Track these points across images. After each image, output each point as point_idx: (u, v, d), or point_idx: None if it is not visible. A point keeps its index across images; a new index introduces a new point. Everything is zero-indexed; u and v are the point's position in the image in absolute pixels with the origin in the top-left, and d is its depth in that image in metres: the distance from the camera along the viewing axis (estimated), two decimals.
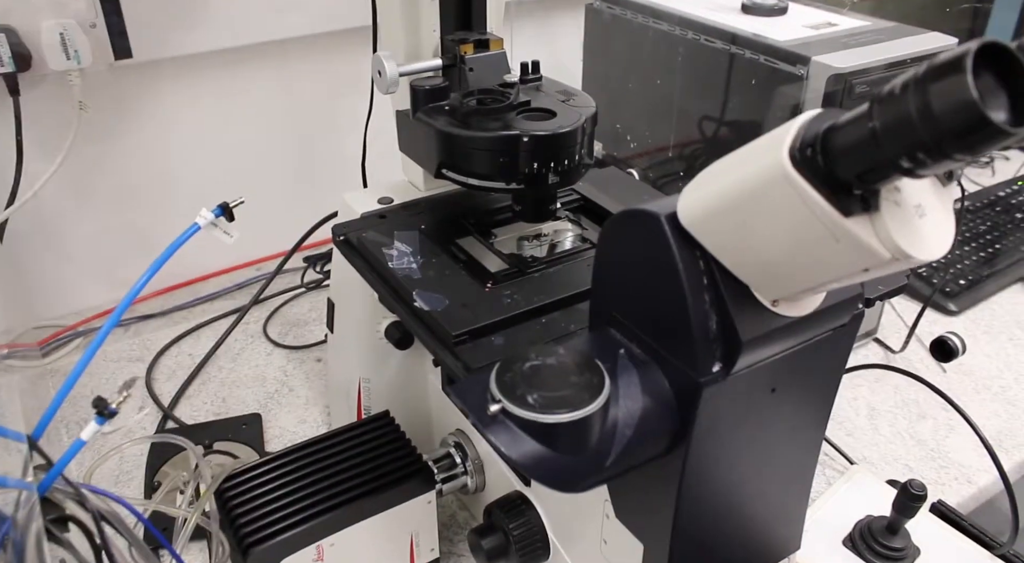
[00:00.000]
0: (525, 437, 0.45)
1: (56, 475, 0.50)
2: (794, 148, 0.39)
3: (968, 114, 0.33)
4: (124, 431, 0.93)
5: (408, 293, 0.63)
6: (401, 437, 0.72)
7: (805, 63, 0.87)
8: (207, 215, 0.61)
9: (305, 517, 0.64)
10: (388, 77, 0.65)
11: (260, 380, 1.02)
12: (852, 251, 0.40)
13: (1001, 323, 1.12)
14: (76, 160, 1.02)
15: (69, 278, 1.12)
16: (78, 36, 0.93)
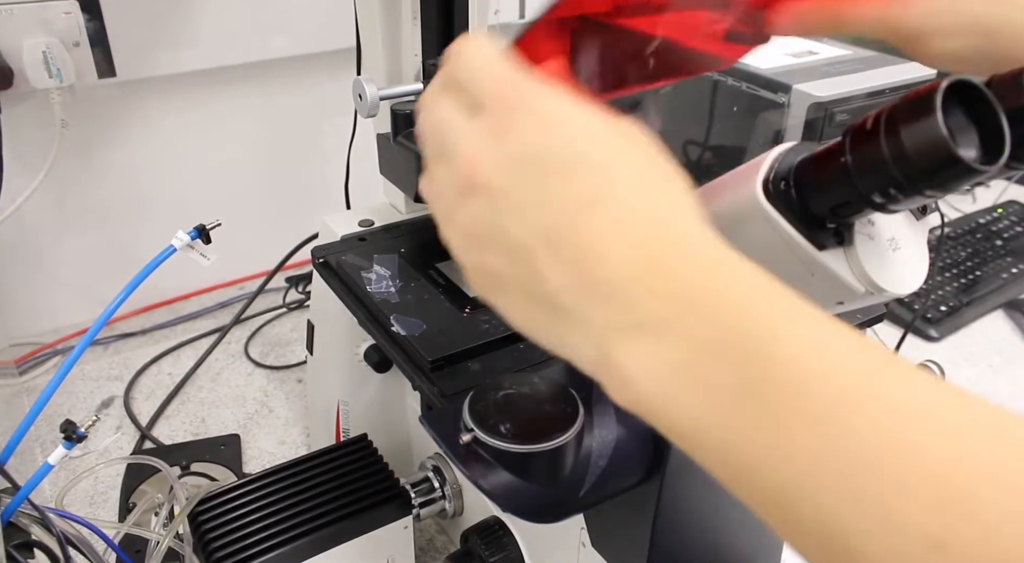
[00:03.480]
0: (497, 467, 0.45)
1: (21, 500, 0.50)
2: (768, 181, 0.39)
3: (938, 153, 0.33)
4: (100, 452, 0.92)
5: (385, 317, 0.62)
6: (379, 461, 0.71)
7: (786, 91, 0.88)
8: (183, 237, 0.60)
9: (280, 542, 0.63)
10: (369, 101, 0.65)
11: (240, 400, 1.02)
12: (826, 285, 0.40)
13: (982, 350, 1.13)
14: (57, 178, 1.02)
15: (48, 295, 1.11)
16: (61, 54, 0.93)
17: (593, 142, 0.31)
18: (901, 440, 0.24)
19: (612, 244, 0.29)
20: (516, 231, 0.31)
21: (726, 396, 0.27)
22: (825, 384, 0.25)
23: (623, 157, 0.31)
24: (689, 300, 0.28)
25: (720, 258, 0.29)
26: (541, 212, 0.30)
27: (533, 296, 0.32)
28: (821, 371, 0.26)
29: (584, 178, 0.30)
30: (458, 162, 0.33)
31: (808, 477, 0.25)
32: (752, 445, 0.26)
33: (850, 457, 0.24)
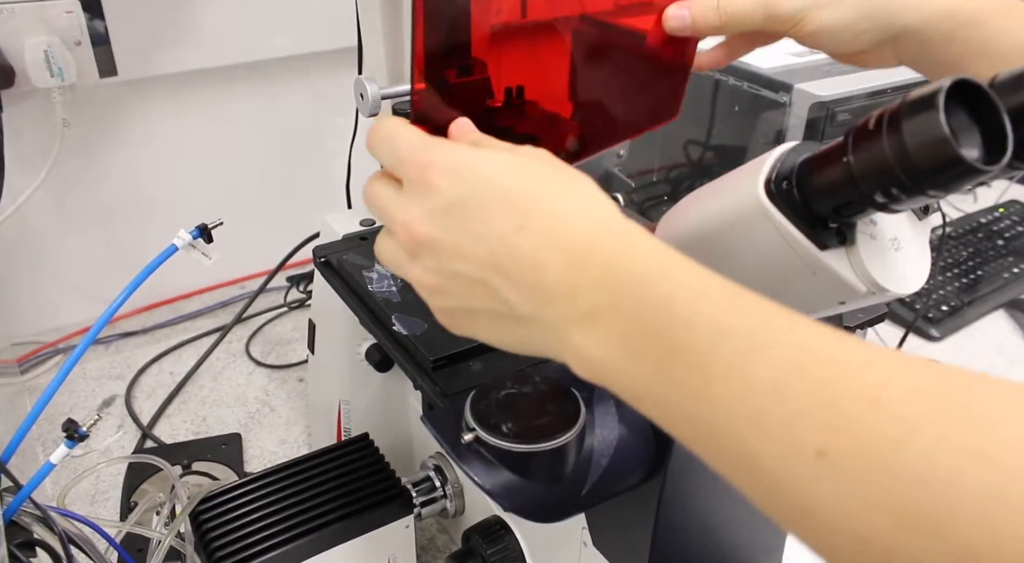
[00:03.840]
0: (499, 466, 0.45)
1: (23, 499, 0.50)
2: (770, 180, 0.40)
3: (941, 152, 0.33)
4: (101, 451, 0.92)
5: (387, 317, 0.62)
6: (380, 460, 0.71)
7: (788, 90, 0.88)
8: (185, 236, 0.60)
9: (281, 540, 0.63)
10: (370, 100, 0.65)
11: (241, 399, 1.02)
12: (828, 284, 0.40)
13: (983, 349, 1.13)
14: (59, 177, 1.02)
15: (50, 294, 1.11)
16: (63, 54, 0.93)
17: (500, 177, 0.36)
18: (791, 379, 0.29)
19: (545, 257, 0.35)
20: (467, 269, 0.37)
21: (657, 361, 0.32)
22: (728, 341, 0.31)
23: (529, 181, 0.36)
24: (615, 287, 0.33)
25: (633, 244, 0.34)
26: (481, 247, 0.36)
27: (499, 315, 0.37)
28: (724, 330, 0.31)
29: (504, 209, 0.36)
30: (397, 229, 0.39)
31: (726, 417, 0.30)
32: (682, 397, 0.32)
33: (753, 397, 0.29)
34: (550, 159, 0.38)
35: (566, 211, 0.35)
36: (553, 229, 0.35)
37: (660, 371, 0.32)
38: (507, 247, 0.35)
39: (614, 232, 0.35)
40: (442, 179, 0.37)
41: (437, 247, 0.37)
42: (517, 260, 0.35)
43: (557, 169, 0.38)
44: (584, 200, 0.36)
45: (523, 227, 0.35)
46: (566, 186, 0.37)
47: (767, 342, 0.30)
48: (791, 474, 0.28)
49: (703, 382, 0.31)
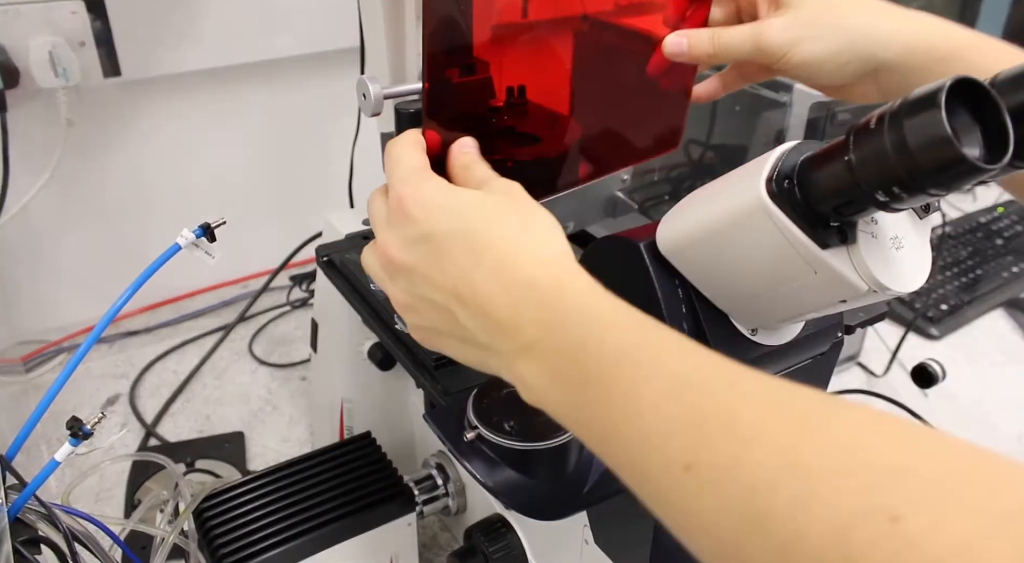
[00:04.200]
0: (501, 464, 0.45)
1: (28, 497, 0.50)
2: (771, 180, 0.40)
3: (942, 150, 0.33)
4: (105, 448, 0.93)
5: (389, 316, 0.63)
6: (382, 458, 0.72)
7: (788, 90, 0.88)
8: (188, 235, 0.60)
9: (284, 538, 0.63)
10: (372, 99, 0.65)
11: (244, 398, 1.02)
12: (829, 283, 0.40)
13: (983, 348, 1.13)
14: (63, 176, 1.02)
15: (54, 293, 1.11)
16: (67, 54, 0.93)
17: (466, 216, 0.41)
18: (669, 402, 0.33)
19: (495, 294, 0.39)
20: (433, 295, 0.41)
21: (575, 387, 0.36)
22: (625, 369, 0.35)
23: (490, 221, 0.41)
24: (548, 324, 0.37)
25: (564, 287, 0.38)
26: (444, 278, 0.40)
27: (462, 339, 0.41)
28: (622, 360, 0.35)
29: (465, 246, 0.40)
30: (378, 250, 0.43)
31: (624, 435, 0.34)
32: (593, 419, 0.36)
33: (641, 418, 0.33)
34: (515, 199, 0.42)
35: (516, 253, 0.40)
36: (502, 269, 0.39)
37: (578, 396, 0.36)
38: (466, 281, 0.40)
39: (552, 275, 0.39)
40: (417, 212, 0.41)
41: (410, 273, 0.42)
42: (473, 294, 0.39)
43: (518, 210, 0.42)
44: (534, 242, 0.40)
45: (479, 264, 0.39)
46: (522, 228, 0.41)
47: (655, 370, 0.34)
48: (667, 485, 0.32)
49: (606, 405, 0.35)
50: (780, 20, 0.54)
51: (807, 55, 0.54)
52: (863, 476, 0.28)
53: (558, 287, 0.38)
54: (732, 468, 0.30)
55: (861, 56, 0.54)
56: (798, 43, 0.53)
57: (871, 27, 0.54)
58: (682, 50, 0.55)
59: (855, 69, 0.54)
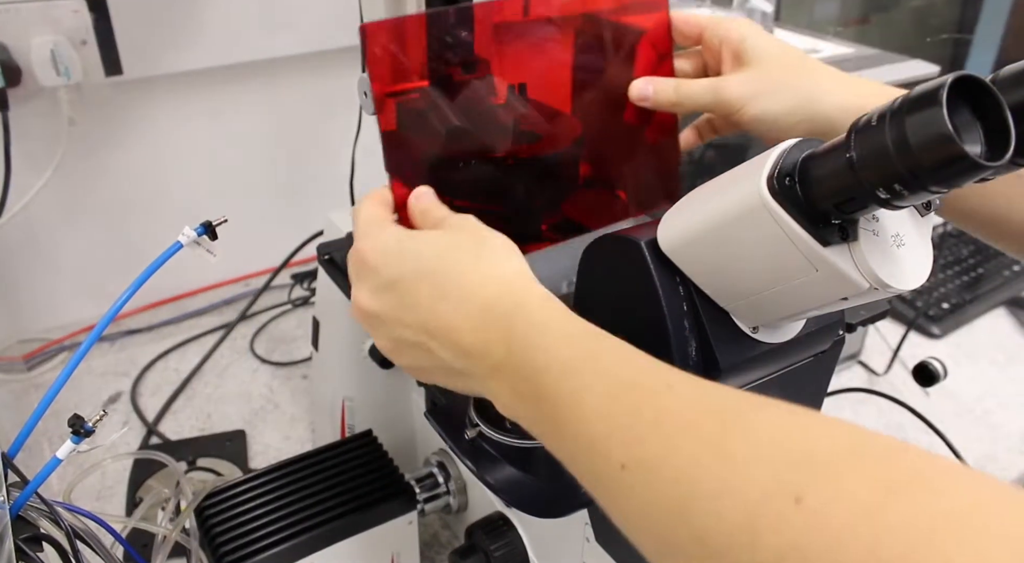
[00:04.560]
0: (502, 462, 0.45)
1: (30, 494, 0.50)
2: (772, 177, 0.40)
3: (943, 147, 0.33)
4: (107, 446, 0.93)
5: None
6: (384, 456, 0.72)
7: None
8: (190, 233, 0.60)
9: (285, 536, 0.63)
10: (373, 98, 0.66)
11: (246, 396, 1.02)
12: (830, 280, 0.40)
13: (984, 347, 1.13)
14: (65, 175, 1.02)
15: (56, 292, 1.11)
16: (68, 52, 0.93)
17: (423, 257, 0.44)
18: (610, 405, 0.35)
19: (460, 322, 0.42)
20: (408, 335, 0.44)
21: (533, 401, 0.39)
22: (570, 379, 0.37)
23: (445, 259, 0.44)
24: (508, 344, 0.40)
25: (520, 307, 0.41)
26: (412, 316, 0.44)
27: (444, 369, 0.44)
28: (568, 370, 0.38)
29: (427, 285, 0.43)
30: (352, 303, 0.47)
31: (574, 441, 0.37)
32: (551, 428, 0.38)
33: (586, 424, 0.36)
34: (467, 230, 0.46)
35: (472, 280, 0.43)
36: (462, 297, 0.42)
37: (536, 409, 0.39)
38: (432, 315, 0.43)
39: (507, 299, 0.42)
40: (377, 261, 0.45)
41: (383, 319, 0.45)
42: (440, 326, 0.43)
43: (471, 238, 0.45)
44: (488, 266, 0.43)
45: (443, 298, 0.43)
46: (476, 255, 0.44)
47: (596, 377, 0.37)
48: (610, 485, 0.35)
49: (556, 416, 0.37)
50: (739, 76, 0.57)
51: (761, 111, 0.57)
52: (773, 462, 0.29)
53: (514, 303, 0.41)
54: (661, 462, 0.32)
55: (811, 115, 0.57)
56: (754, 98, 0.56)
57: (820, 90, 0.57)
58: (647, 94, 0.59)
59: (807, 127, 0.57)
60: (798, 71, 0.58)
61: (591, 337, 0.39)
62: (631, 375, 0.37)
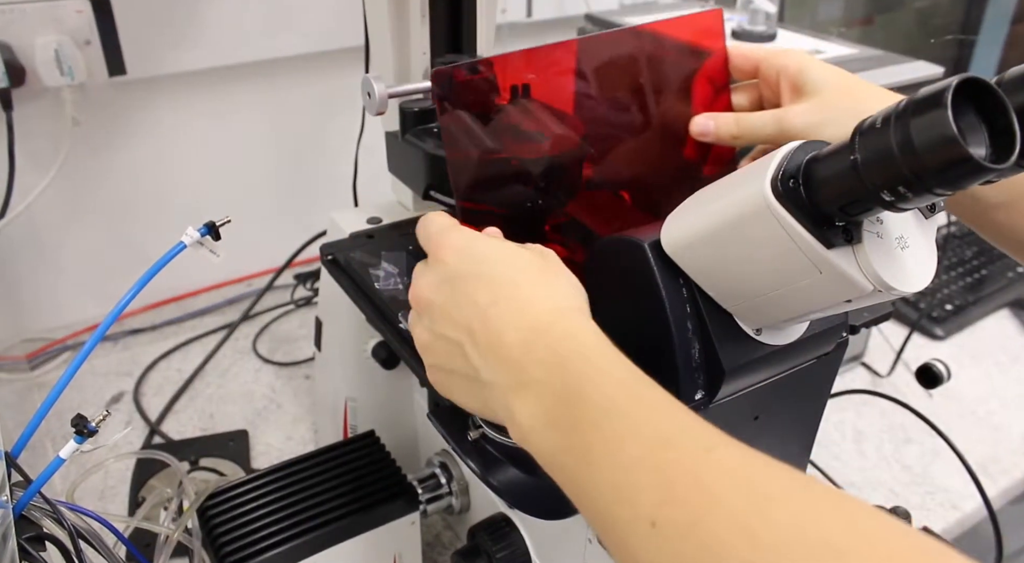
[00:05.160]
0: (505, 463, 0.45)
1: (33, 494, 0.50)
2: (776, 179, 0.40)
3: (948, 150, 0.33)
4: (110, 446, 0.93)
5: (393, 315, 0.63)
6: (386, 457, 0.72)
7: None
8: (193, 234, 0.61)
9: (288, 537, 0.63)
10: (377, 98, 0.66)
11: (248, 396, 1.02)
12: (834, 283, 0.40)
13: (987, 348, 1.13)
14: (69, 174, 1.02)
15: (60, 291, 1.11)
16: (72, 52, 0.94)
17: (491, 261, 0.45)
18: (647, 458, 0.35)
19: (507, 331, 0.42)
20: (448, 331, 0.44)
21: (565, 430, 0.38)
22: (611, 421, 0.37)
23: (512, 267, 0.44)
24: (551, 367, 0.40)
25: (573, 335, 0.41)
26: (461, 313, 0.44)
27: (468, 378, 0.44)
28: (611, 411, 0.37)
29: (485, 287, 0.43)
30: (412, 290, 0.48)
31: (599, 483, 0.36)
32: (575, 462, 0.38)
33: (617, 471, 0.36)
34: (543, 255, 0.46)
35: (532, 298, 0.43)
36: (518, 310, 0.42)
37: (563, 440, 0.38)
38: (481, 317, 0.43)
39: (563, 324, 0.42)
40: (448, 255, 0.46)
41: (432, 309, 0.46)
42: (485, 329, 0.42)
43: (542, 263, 0.45)
44: (550, 291, 0.44)
45: (495, 304, 0.43)
46: (542, 278, 0.44)
47: (639, 426, 0.36)
48: (632, 538, 0.34)
49: (587, 452, 0.37)
50: (801, 106, 0.57)
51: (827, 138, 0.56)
52: (792, 552, 0.30)
53: (566, 333, 0.41)
54: (691, 528, 0.32)
55: None
56: (818, 127, 0.56)
57: None
58: (708, 130, 0.59)
59: None
60: (856, 96, 0.57)
61: (641, 383, 0.39)
62: (675, 431, 0.36)
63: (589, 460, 0.37)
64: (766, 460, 0.34)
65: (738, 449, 0.35)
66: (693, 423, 0.37)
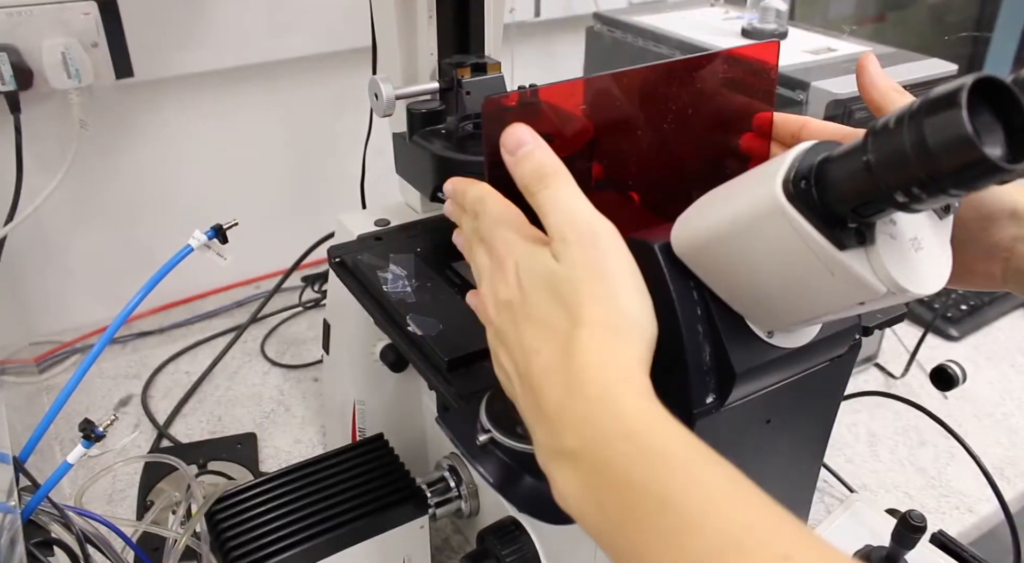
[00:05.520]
0: (514, 468, 0.45)
1: (41, 499, 0.50)
2: (788, 180, 0.39)
3: (963, 150, 0.32)
4: (118, 450, 0.93)
5: (402, 317, 0.62)
6: (395, 461, 0.71)
7: (804, 88, 0.87)
8: (200, 237, 0.61)
9: (297, 541, 0.63)
10: (384, 100, 0.65)
11: (256, 399, 1.02)
12: (847, 285, 0.39)
13: (1003, 349, 1.12)
14: (76, 177, 1.02)
15: (68, 294, 1.12)
16: (80, 55, 0.94)
17: (540, 300, 0.41)
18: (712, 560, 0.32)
19: (547, 387, 0.39)
20: (504, 360, 0.43)
21: (615, 516, 0.36)
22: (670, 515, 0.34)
23: (566, 316, 0.39)
24: (595, 441, 0.36)
25: (615, 401, 0.37)
26: (514, 350, 0.41)
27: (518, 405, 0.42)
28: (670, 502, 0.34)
29: (533, 328, 0.40)
30: (479, 298, 0.45)
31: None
32: (629, 553, 0.35)
33: None
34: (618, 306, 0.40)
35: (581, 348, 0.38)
36: (560, 368, 0.39)
37: (612, 525, 0.36)
38: (524, 361, 0.40)
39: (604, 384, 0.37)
40: (509, 279, 0.42)
41: (496, 329, 0.43)
42: (527, 375, 0.40)
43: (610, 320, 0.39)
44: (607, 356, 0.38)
45: (538, 352, 0.40)
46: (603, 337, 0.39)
47: (702, 523, 0.33)
48: None
49: (645, 545, 0.34)
50: None
51: None
52: None
53: (605, 401, 0.37)
54: None
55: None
56: None
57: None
58: None
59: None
60: None
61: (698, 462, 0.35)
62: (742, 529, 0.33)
63: (644, 553, 0.34)
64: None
65: (818, 553, 0.32)
66: (765, 515, 0.33)
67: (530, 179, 0.43)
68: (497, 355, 0.43)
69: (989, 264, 0.51)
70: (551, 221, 0.41)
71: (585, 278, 0.40)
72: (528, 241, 0.43)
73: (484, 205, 0.45)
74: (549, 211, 0.42)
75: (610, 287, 0.40)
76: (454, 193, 0.47)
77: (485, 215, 0.44)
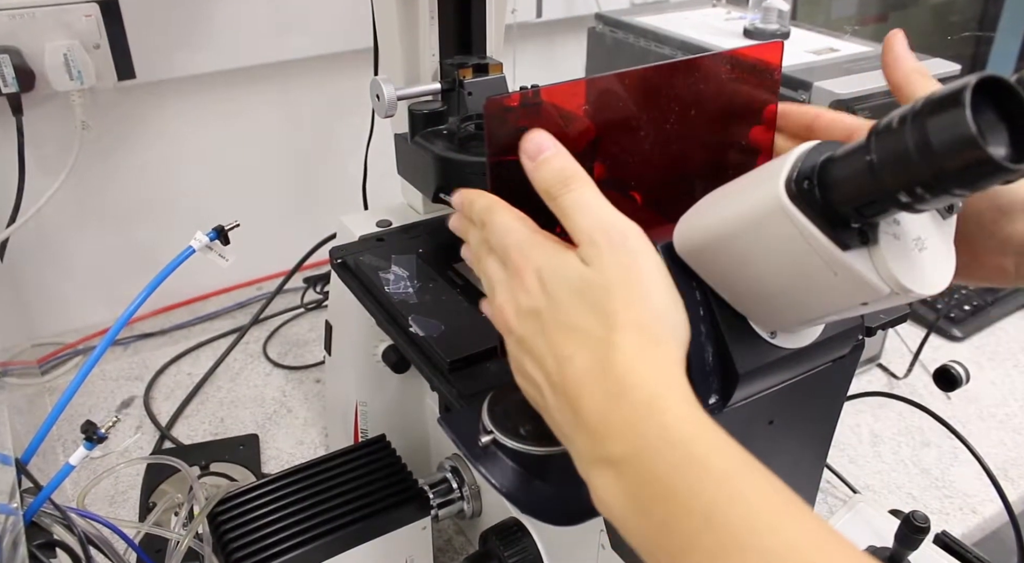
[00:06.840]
0: (517, 469, 0.44)
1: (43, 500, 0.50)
2: (791, 180, 0.39)
3: (967, 150, 0.32)
4: (120, 451, 0.93)
5: (404, 318, 0.62)
6: (397, 462, 0.71)
7: (807, 88, 0.87)
8: (202, 238, 0.61)
9: (299, 542, 0.63)
10: (386, 101, 0.65)
11: (259, 400, 1.02)
12: (850, 285, 0.39)
13: (1007, 350, 1.11)
14: (78, 179, 1.02)
15: (70, 296, 1.12)
16: (82, 57, 0.94)
17: (571, 305, 0.39)
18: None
19: (586, 394, 0.37)
20: (530, 369, 0.41)
21: (657, 525, 0.35)
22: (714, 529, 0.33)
23: (601, 321, 0.38)
24: (638, 448, 0.36)
25: (661, 407, 0.36)
26: (543, 359, 0.40)
27: (549, 419, 0.41)
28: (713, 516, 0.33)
29: (564, 335, 0.39)
30: (495, 307, 0.43)
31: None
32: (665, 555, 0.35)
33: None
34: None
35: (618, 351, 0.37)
36: (600, 367, 0.37)
37: (656, 533, 0.35)
38: (558, 369, 0.39)
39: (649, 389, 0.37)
40: (530, 287, 0.41)
41: (518, 339, 0.42)
42: (565, 386, 0.38)
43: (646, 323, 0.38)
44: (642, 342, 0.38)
45: (572, 358, 0.38)
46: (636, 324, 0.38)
47: (749, 539, 0.33)
48: None
49: (684, 553, 0.34)
50: None
51: None
52: None
53: (652, 408, 0.36)
54: None
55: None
56: None
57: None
58: None
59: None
60: None
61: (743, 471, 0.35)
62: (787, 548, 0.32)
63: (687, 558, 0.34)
64: None
65: None
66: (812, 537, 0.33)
67: (552, 183, 0.42)
68: (522, 365, 0.42)
69: (1002, 258, 0.50)
70: (579, 225, 0.40)
71: (617, 281, 0.39)
72: (547, 248, 0.41)
73: (492, 215, 0.44)
74: (575, 215, 0.41)
75: (643, 289, 0.39)
76: (462, 204, 0.47)
77: (494, 225, 0.43)
